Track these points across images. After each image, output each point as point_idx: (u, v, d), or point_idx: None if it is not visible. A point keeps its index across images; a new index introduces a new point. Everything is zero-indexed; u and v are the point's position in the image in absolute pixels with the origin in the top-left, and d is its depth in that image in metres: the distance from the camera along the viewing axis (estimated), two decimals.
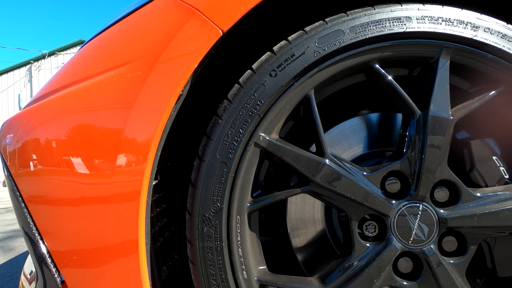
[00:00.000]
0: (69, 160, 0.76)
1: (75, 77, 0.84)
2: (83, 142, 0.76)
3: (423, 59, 0.79)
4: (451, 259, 0.76)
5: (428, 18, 0.76)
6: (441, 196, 0.78)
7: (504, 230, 0.75)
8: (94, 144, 0.74)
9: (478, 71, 0.79)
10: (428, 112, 0.75)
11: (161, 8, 0.79)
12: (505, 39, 0.76)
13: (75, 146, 0.76)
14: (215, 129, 0.75)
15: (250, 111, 0.74)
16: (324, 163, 0.74)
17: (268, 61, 0.75)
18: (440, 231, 0.76)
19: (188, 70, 0.71)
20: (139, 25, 0.80)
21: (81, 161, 0.75)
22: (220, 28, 0.71)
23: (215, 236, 0.73)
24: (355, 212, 0.76)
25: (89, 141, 0.75)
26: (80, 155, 0.75)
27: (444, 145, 0.75)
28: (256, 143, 0.75)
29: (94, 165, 0.74)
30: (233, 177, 0.74)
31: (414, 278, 0.76)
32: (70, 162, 0.76)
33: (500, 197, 0.76)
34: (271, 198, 0.76)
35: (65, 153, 0.76)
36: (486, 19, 0.76)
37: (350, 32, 0.75)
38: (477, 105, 0.78)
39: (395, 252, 0.75)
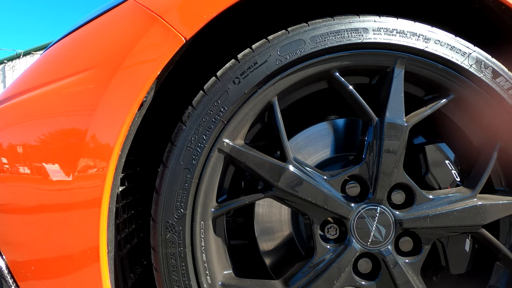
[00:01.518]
0: (28, 166, 0.73)
1: (36, 82, 0.80)
2: (43, 148, 0.73)
3: (380, 68, 0.81)
4: (407, 259, 0.78)
5: (383, 29, 0.78)
6: (397, 199, 0.81)
7: (454, 230, 0.79)
8: (54, 150, 0.71)
9: (431, 80, 0.82)
10: (384, 119, 0.77)
11: (125, 14, 0.77)
12: (454, 50, 0.79)
13: (34, 152, 0.73)
14: (179, 135, 0.74)
15: (214, 118, 0.73)
16: (286, 168, 0.75)
17: (232, 69, 0.75)
18: (396, 232, 0.78)
19: (151, 77, 0.70)
20: (103, 30, 0.78)
21: (40, 167, 0.72)
22: (182, 35, 0.70)
23: (178, 242, 0.72)
24: (317, 215, 0.77)
25: (49, 147, 0.72)
26: (40, 161, 0.72)
27: (399, 150, 0.77)
28: (220, 149, 0.74)
29: (54, 171, 0.71)
30: (197, 183, 0.73)
31: (372, 278, 0.78)
32: (29, 168, 0.73)
33: (451, 199, 0.79)
34: (235, 203, 0.76)
35: (24, 159, 0.73)
36: (436, 31, 0.80)
37: (311, 41, 0.76)
38: (429, 112, 0.81)
39: (355, 253, 0.77)
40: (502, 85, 0.79)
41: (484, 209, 0.78)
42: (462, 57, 0.79)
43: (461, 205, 0.78)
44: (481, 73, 0.79)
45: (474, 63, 0.79)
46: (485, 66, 0.79)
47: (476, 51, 0.79)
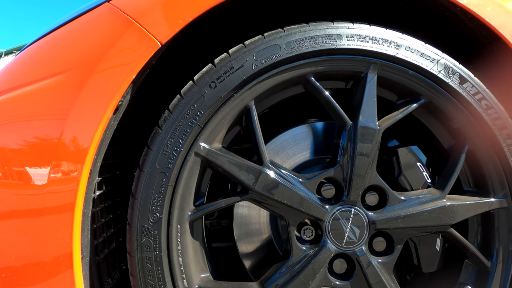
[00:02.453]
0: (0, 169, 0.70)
1: (9, 84, 0.78)
2: (15, 152, 0.71)
3: (354, 73, 0.83)
4: (380, 258, 0.80)
5: (356, 36, 0.80)
6: (371, 200, 0.82)
7: (425, 230, 0.80)
8: (26, 154, 0.69)
9: (402, 85, 0.84)
10: (357, 122, 0.79)
11: (100, 17, 0.76)
12: (423, 57, 0.82)
13: (6, 156, 0.71)
14: (155, 139, 0.73)
15: (190, 122, 0.73)
16: (263, 172, 0.75)
17: (208, 73, 0.75)
18: (370, 233, 0.79)
19: (126, 80, 0.69)
20: (78, 33, 0.77)
21: (12, 171, 0.70)
22: (158, 40, 0.69)
23: (154, 246, 0.71)
24: (293, 217, 0.77)
25: (21, 151, 0.70)
26: (11, 165, 0.70)
27: (372, 152, 0.79)
28: (196, 152, 0.74)
29: (25, 176, 0.69)
30: (173, 186, 0.72)
31: (347, 278, 0.79)
32: (0, 172, 0.70)
33: (421, 200, 0.81)
34: (212, 207, 0.75)
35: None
36: (407, 38, 0.82)
37: (286, 47, 0.77)
38: (401, 116, 0.83)
39: (330, 254, 0.77)
40: (469, 90, 0.82)
41: (453, 209, 0.80)
42: (431, 63, 0.81)
43: (431, 205, 0.80)
44: (449, 79, 0.81)
45: (443, 69, 0.81)
46: (453, 72, 0.82)
47: (444, 57, 0.82)
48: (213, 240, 1.16)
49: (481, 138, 0.83)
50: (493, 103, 0.82)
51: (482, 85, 0.83)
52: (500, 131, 0.82)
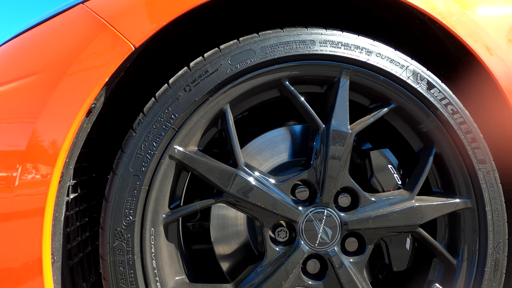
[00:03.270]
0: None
1: None
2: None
3: (327, 78, 0.84)
4: (351, 258, 0.81)
5: (329, 42, 0.81)
6: (344, 202, 0.84)
7: (394, 230, 0.83)
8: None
9: (374, 90, 0.86)
10: (330, 126, 0.80)
11: (74, 19, 0.75)
12: (393, 63, 0.84)
13: None
14: (128, 142, 0.72)
15: (164, 125, 0.73)
16: (237, 174, 0.76)
17: (183, 76, 0.75)
18: (342, 233, 0.81)
19: (99, 83, 0.68)
20: (50, 34, 0.75)
21: None
22: (132, 43, 0.69)
23: (127, 250, 0.70)
24: (267, 219, 0.78)
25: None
26: None
27: (344, 155, 0.80)
28: (171, 155, 0.74)
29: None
30: (147, 189, 0.72)
31: (320, 278, 0.80)
32: None
33: (391, 201, 0.83)
34: (186, 209, 0.75)
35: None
36: (377, 45, 0.84)
37: (261, 52, 0.78)
38: (372, 120, 0.85)
39: (303, 255, 0.78)
40: (436, 95, 0.85)
41: (421, 210, 0.82)
42: (401, 70, 0.84)
43: (400, 206, 0.82)
44: (417, 84, 0.84)
45: (411, 75, 0.84)
46: (421, 78, 0.84)
47: (413, 64, 0.85)
48: (196, 242, 1.16)
49: (447, 141, 0.86)
50: (458, 108, 0.85)
51: (449, 90, 0.86)
52: (465, 135, 0.85)
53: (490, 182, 0.85)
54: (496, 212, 0.85)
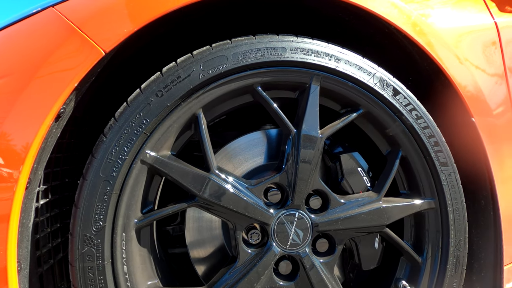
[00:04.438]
0: None
1: None
2: None
3: (299, 84, 0.86)
4: (322, 259, 0.83)
5: (300, 49, 0.83)
6: (315, 204, 0.86)
7: (362, 231, 0.85)
8: None
9: (343, 96, 0.88)
10: (300, 131, 0.82)
11: (43, 22, 0.73)
12: (361, 70, 0.87)
13: None
14: (99, 148, 0.71)
15: (136, 130, 0.72)
16: (209, 178, 0.76)
17: (155, 82, 0.75)
18: (313, 235, 0.82)
19: (68, 88, 0.67)
20: (19, 37, 0.73)
21: None
22: (102, 48, 0.68)
23: (96, 255, 0.69)
24: (239, 222, 0.79)
25: None
26: None
27: (315, 159, 0.82)
28: (142, 160, 0.73)
29: None
30: (118, 194, 0.71)
31: (292, 279, 0.82)
32: None
33: (360, 203, 0.86)
34: (158, 214, 0.75)
35: None
36: (346, 53, 0.86)
37: (233, 58, 0.79)
38: (342, 125, 0.87)
39: (275, 256, 0.79)
40: (401, 101, 0.88)
41: (387, 210, 0.85)
42: (368, 76, 0.87)
43: (367, 208, 0.84)
44: (383, 91, 0.87)
45: (378, 82, 0.87)
46: (387, 85, 0.88)
47: (379, 71, 0.88)
48: (174, 246, 1.15)
49: (412, 145, 0.89)
50: (422, 114, 0.89)
51: (413, 96, 0.90)
52: (429, 139, 0.88)
53: (452, 184, 0.89)
54: (457, 212, 0.89)
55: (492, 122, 0.93)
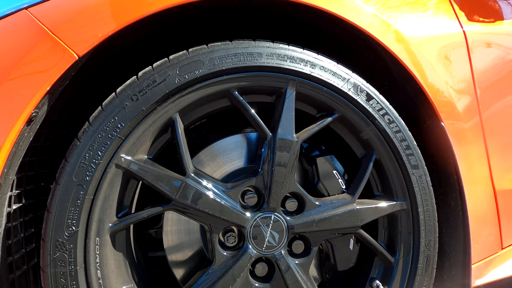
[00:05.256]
0: None
1: None
2: None
3: (275, 89, 0.87)
4: (297, 260, 0.84)
5: (275, 55, 0.84)
6: (291, 206, 0.87)
7: (336, 232, 0.87)
8: None
9: (319, 100, 0.90)
10: (276, 134, 0.83)
11: (16, 25, 0.72)
12: (336, 76, 0.89)
13: None
14: (72, 152, 0.70)
15: (110, 134, 0.72)
16: (185, 182, 0.76)
17: (131, 86, 0.75)
18: (288, 237, 0.84)
19: (40, 92, 0.66)
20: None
21: None
22: (75, 52, 0.68)
23: (69, 260, 0.68)
24: (215, 225, 0.79)
25: None
26: None
27: (290, 162, 0.84)
28: (117, 164, 0.73)
29: None
30: (91, 199, 0.70)
31: (268, 280, 0.82)
32: None
33: (335, 205, 0.87)
34: (134, 218, 0.74)
35: None
36: (321, 59, 0.88)
37: (209, 63, 0.79)
38: (317, 129, 0.88)
39: (250, 258, 0.80)
40: (374, 106, 0.90)
41: (360, 212, 0.87)
42: (342, 82, 0.89)
43: (342, 209, 0.86)
44: (357, 96, 0.89)
45: (352, 87, 0.89)
46: (361, 90, 0.90)
47: (353, 77, 0.90)
48: (154, 249, 1.14)
49: (385, 148, 0.92)
50: (394, 118, 0.92)
51: (386, 101, 0.92)
52: (400, 142, 0.91)
53: (423, 186, 0.92)
54: (427, 212, 0.92)
55: (460, 127, 0.96)
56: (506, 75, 1.07)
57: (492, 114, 1.03)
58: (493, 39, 1.08)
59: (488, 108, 1.02)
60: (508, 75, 1.08)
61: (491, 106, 1.03)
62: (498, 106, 1.05)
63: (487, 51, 1.06)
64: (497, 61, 1.07)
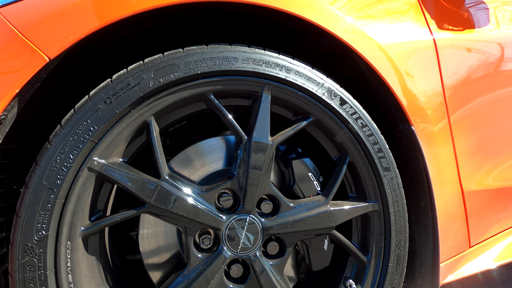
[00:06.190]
0: None
1: None
2: None
3: (251, 93, 0.88)
4: (272, 261, 0.85)
5: (251, 60, 0.85)
6: (266, 208, 0.88)
7: (310, 233, 0.88)
8: None
9: (294, 104, 0.92)
10: (251, 138, 0.84)
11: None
12: (310, 81, 0.90)
13: None
14: (43, 155, 0.69)
15: (82, 137, 0.71)
16: (159, 185, 0.76)
17: (104, 89, 0.74)
18: (263, 238, 0.85)
19: (8, 94, 0.65)
20: None
21: None
22: (46, 54, 0.67)
23: (38, 265, 0.67)
24: (190, 228, 0.79)
25: None
26: None
27: (265, 165, 0.85)
28: (90, 167, 0.72)
29: None
30: (62, 202, 0.69)
31: (243, 282, 0.83)
32: None
33: (309, 206, 0.89)
34: (106, 221, 0.74)
35: None
36: (297, 64, 0.90)
37: (185, 66, 0.79)
38: (292, 133, 0.90)
39: (225, 260, 0.81)
40: (348, 110, 0.93)
41: (334, 213, 0.89)
42: (317, 87, 0.90)
43: (315, 211, 0.88)
44: (331, 100, 0.91)
45: (326, 92, 0.91)
46: (335, 95, 0.92)
47: (327, 81, 0.92)
48: (132, 252, 1.12)
49: (358, 151, 0.94)
50: (367, 122, 0.94)
51: (359, 106, 0.94)
52: (373, 145, 0.94)
53: (394, 187, 0.95)
54: (398, 213, 0.94)
55: (430, 130, 1.00)
56: (473, 80, 1.12)
57: (460, 118, 1.07)
58: (462, 46, 1.13)
59: (456, 112, 1.06)
60: (475, 80, 1.12)
61: (459, 110, 1.07)
62: (466, 111, 1.09)
63: (455, 58, 1.10)
64: (465, 66, 1.11)
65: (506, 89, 1.23)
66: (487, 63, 1.17)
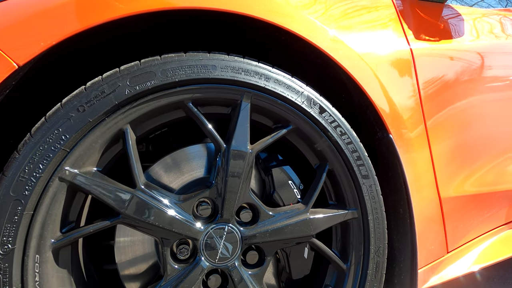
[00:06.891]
0: None
1: None
2: None
3: (231, 101, 0.87)
4: (251, 270, 0.84)
5: (230, 68, 0.85)
6: (245, 217, 0.87)
7: (290, 242, 0.88)
8: None
9: (274, 113, 0.91)
10: (230, 146, 0.83)
11: None
12: (290, 89, 0.90)
13: None
14: (11, 165, 0.66)
15: (53, 146, 0.68)
16: (134, 195, 0.74)
17: (77, 96, 0.72)
18: (242, 248, 0.83)
19: None
20: None
21: None
22: (14, 61, 0.64)
23: (3, 281, 0.63)
24: (166, 238, 0.77)
25: None
26: None
27: (244, 173, 0.84)
28: (61, 177, 0.69)
29: None
30: (31, 214, 0.66)
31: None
32: None
33: (289, 215, 0.88)
34: (78, 233, 0.71)
35: None
36: (276, 72, 0.90)
37: (162, 74, 0.78)
38: (272, 141, 0.89)
39: (203, 271, 0.79)
40: (327, 119, 0.93)
41: (313, 221, 0.89)
42: (296, 95, 0.91)
43: (295, 219, 0.87)
44: (311, 109, 0.91)
45: (306, 100, 0.91)
46: (314, 103, 0.92)
47: (307, 90, 0.92)
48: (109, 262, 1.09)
49: (337, 159, 0.94)
50: (346, 130, 0.94)
51: (338, 114, 0.95)
52: (352, 153, 0.94)
53: (372, 195, 0.95)
54: (377, 220, 0.95)
55: (407, 137, 1.01)
56: (449, 88, 1.15)
57: (436, 124, 1.09)
58: (437, 55, 1.16)
59: (432, 118, 1.08)
60: (450, 88, 1.15)
61: (435, 116, 1.09)
62: (441, 117, 1.11)
63: (431, 67, 1.12)
64: (440, 75, 1.14)
65: (481, 96, 1.27)
66: (462, 71, 1.20)
